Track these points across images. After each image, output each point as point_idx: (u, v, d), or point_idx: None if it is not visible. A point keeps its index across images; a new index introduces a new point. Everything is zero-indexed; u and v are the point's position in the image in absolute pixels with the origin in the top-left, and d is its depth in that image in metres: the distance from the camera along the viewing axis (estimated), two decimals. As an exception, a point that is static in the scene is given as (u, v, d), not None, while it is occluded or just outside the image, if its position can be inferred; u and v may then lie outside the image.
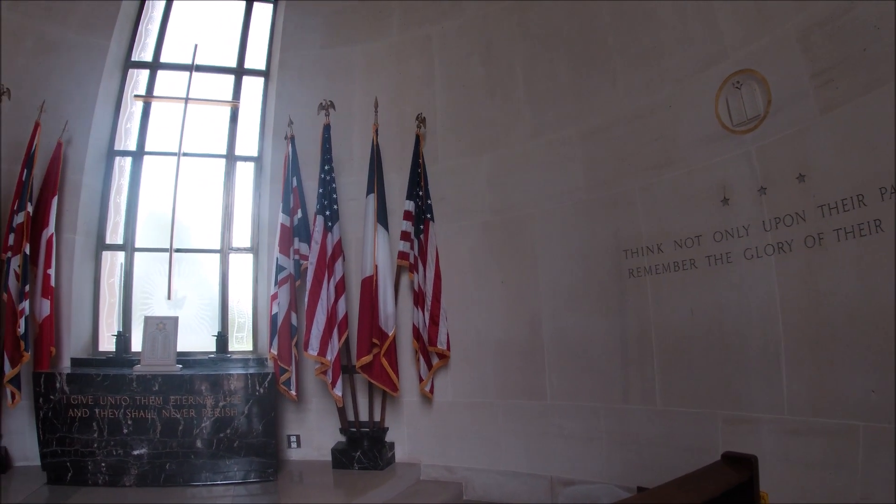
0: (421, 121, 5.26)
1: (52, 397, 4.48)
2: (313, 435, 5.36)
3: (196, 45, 5.87)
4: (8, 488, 4.38)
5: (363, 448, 4.99)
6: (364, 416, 5.20)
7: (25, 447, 4.95)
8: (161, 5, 6.31)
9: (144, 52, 6.19)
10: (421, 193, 5.08)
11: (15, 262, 4.73)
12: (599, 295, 4.42)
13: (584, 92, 4.60)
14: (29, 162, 4.91)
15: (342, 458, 5.00)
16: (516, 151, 4.97)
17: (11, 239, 4.78)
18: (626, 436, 4.21)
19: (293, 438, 5.35)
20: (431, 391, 5.05)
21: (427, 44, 5.52)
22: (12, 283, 4.71)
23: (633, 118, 4.29)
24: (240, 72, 6.24)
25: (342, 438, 5.20)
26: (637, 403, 4.16)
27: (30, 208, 4.87)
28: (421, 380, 5.01)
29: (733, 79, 3.67)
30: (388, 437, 5.19)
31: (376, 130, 5.10)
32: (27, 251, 4.76)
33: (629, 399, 4.21)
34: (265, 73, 6.21)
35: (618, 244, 4.32)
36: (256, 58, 6.32)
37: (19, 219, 4.80)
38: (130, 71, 6.05)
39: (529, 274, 4.80)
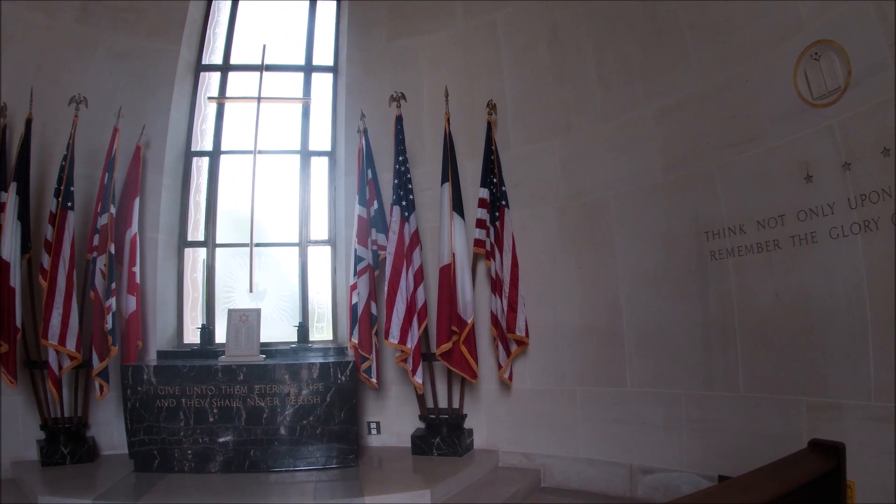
0: (491, 107, 5.37)
1: (139, 388, 4.82)
2: (393, 422, 5.68)
3: (264, 46, 6.21)
4: (96, 476, 4.79)
5: (442, 435, 5.25)
6: (443, 403, 5.46)
7: (112, 437, 5.46)
8: (227, 9, 6.74)
9: (214, 56, 6.64)
10: (495, 181, 5.20)
11: (101, 262, 5.19)
12: (680, 279, 4.49)
13: (656, 70, 4.65)
14: (110, 166, 5.35)
15: (421, 444, 5.28)
16: (588, 134, 5.07)
17: (96, 240, 5.23)
18: (707, 423, 4.27)
19: (373, 425, 5.69)
20: (510, 378, 5.23)
21: (492, 30, 5.68)
22: (98, 281, 5.17)
23: (709, 95, 4.31)
24: (308, 69, 6.59)
25: (421, 425, 5.49)
26: (719, 390, 4.21)
27: (113, 210, 5.33)
28: (499, 367, 5.19)
29: (811, 50, 3.60)
30: (467, 424, 5.43)
31: (448, 119, 5.30)
32: (112, 251, 5.22)
33: (711, 385, 4.27)
34: (333, 69, 6.55)
35: (698, 226, 4.36)
36: (324, 54, 6.66)
37: (103, 220, 5.24)
38: (202, 74, 6.53)
39: (607, 259, 4.92)
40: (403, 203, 5.18)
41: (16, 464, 5.11)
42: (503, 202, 5.25)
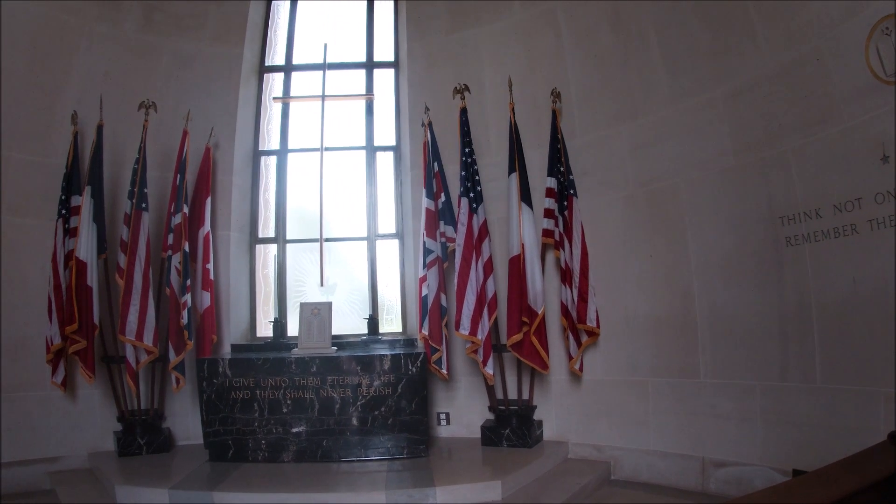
0: (556, 95, 5.32)
1: (215, 381, 5.03)
2: (462, 413, 5.70)
3: (325, 45, 6.32)
4: (171, 465, 5.03)
5: (512, 426, 5.24)
6: (512, 395, 5.44)
7: (187, 428, 5.70)
8: (286, 10, 6.89)
9: (276, 57, 6.80)
10: (562, 169, 5.15)
11: (175, 260, 5.38)
12: (754, 266, 4.35)
13: (723, 51, 4.52)
14: (181, 167, 5.54)
15: (491, 435, 5.28)
16: (656, 119, 4.99)
17: (171, 239, 5.43)
18: (782, 415, 4.14)
19: (442, 416, 5.73)
20: (581, 369, 5.19)
21: (552, 17, 5.63)
22: (174, 278, 5.36)
23: (778, 75, 4.16)
24: (370, 65, 6.69)
25: (491, 416, 5.48)
26: (795, 381, 4.08)
27: (186, 209, 5.50)
28: (570, 357, 5.17)
29: (882, 25, 3.45)
30: (537, 416, 5.40)
31: (513, 109, 5.27)
32: (186, 249, 5.40)
33: (787, 376, 4.14)
34: (394, 64, 6.63)
35: (772, 211, 4.23)
36: (384, 50, 6.74)
37: (177, 220, 5.45)
38: (266, 75, 6.70)
39: (679, 247, 4.83)
40: (471, 195, 5.18)
41: (93, 455, 5.37)
42: (571, 191, 5.20)
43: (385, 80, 6.62)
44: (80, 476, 5.18)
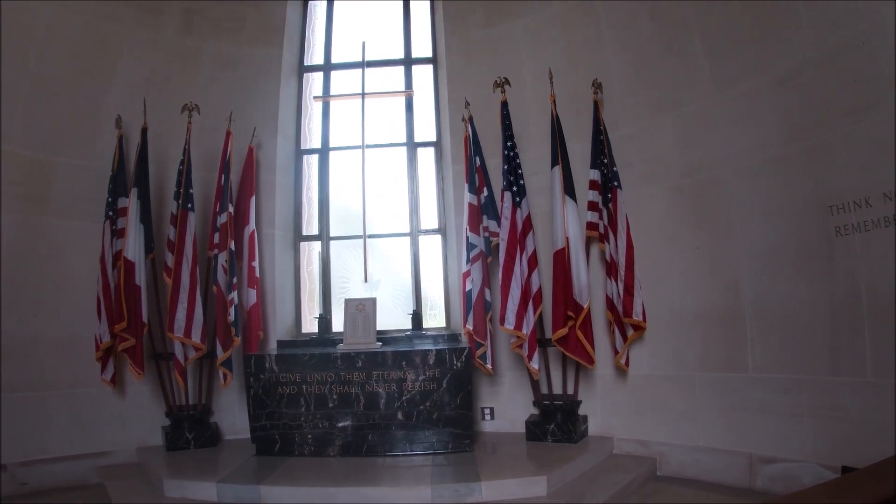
0: (597, 86, 5.19)
1: (262, 376, 5.10)
2: (506, 407, 5.68)
3: (363, 43, 6.36)
4: (219, 459, 5.13)
5: (557, 421, 5.19)
6: (557, 389, 5.41)
7: (234, 422, 5.82)
8: (323, 10, 6.97)
9: (315, 56, 6.89)
10: (605, 161, 5.07)
11: (222, 258, 5.47)
12: (803, 257, 4.24)
13: (766, 37, 4.41)
14: (225, 168, 5.62)
15: (536, 430, 5.24)
16: (700, 108, 4.88)
17: (216, 237, 5.53)
18: (832, 410, 4.02)
19: (487, 411, 5.72)
20: (626, 363, 5.12)
21: (591, 7, 5.56)
22: (220, 276, 5.45)
23: (824, 60, 4.04)
24: (408, 62, 6.71)
25: (535, 411, 5.44)
26: (845, 375, 3.96)
27: (231, 209, 5.58)
28: (616, 352, 5.11)
29: None
30: (581, 410, 5.35)
31: (554, 101, 5.22)
32: (232, 247, 5.49)
33: (837, 370, 4.01)
34: (433, 60, 6.65)
35: (820, 200, 4.10)
36: (422, 46, 6.76)
37: (222, 219, 5.53)
38: (305, 75, 6.79)
39: (725, 238, 4.72)
40: (514, 188, 5.11)
41: (141, 449, 5.50)
42: (615, 183, 5.13)
43: (424, 75, 6.64)
44: (129, 470, 5.31)
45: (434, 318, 6.29)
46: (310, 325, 6.32)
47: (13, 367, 5.17)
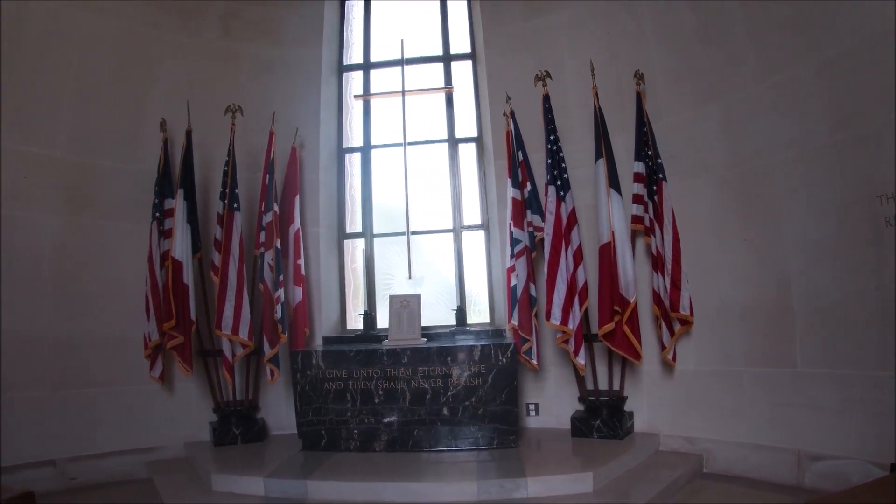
0: (639, 77, 5.09)
1: (308, 372, 5.12)
2: (551, 403, 5.63)
3: (402, 40, 6.35)
4: (265, 454, 5.17)
5: (602, 417, 5.12)
6: (603, 385, 5.33)
7: (281, 418, 5.87)
8: (360, 10, 6.98)
9: (354, 56, 6.91)
10: (650, 153, 4.97)
11: (268, 256, 5.53)
12: (852, 249, 4.09)
13: (811, 22, 4.25)
14: (270, 168, 5.69)
15: (581, 426, 5.17)
16: (745, 97, 4.75)
17: (262, 236, 5.60)
18: (883, 407, 3.87)
19: (531, 407, 5.67)
20: (674, 359, 5.03)
21: None
22: (267, 274, 5.51)
23: (871, 46, 3.88)
24: (447, 58, 6.68)
25: (580, 407, 5.38)
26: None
27: (276, 208, 5.63)
28: (663, 347, 5.01)
29: None
30: (627, 407, 5.26)
31: (596, 93, 5.14)
32: (278, 245, 5.56)
33: (887, 365, 3.87)
34: (471, 56, 6.59)
35: (871, 190, 3.94)
36: (460, 42, 6.72)
37: (268, 218, 5.59)
38: (345, 74, 6.81)
39: (772, 230, 4.59)
40: (558, 182, 5.02)
41: (189, 444, 5.62)
42: (660, 175, 5.04)
43: (463, 71, 6.57)
44: (177, 465, 5.42)
45: (478, 314, 6.22)
46: (355, 322, 6.36)
47: (62, 366, 5.32)
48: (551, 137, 5.26)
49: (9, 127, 5.11)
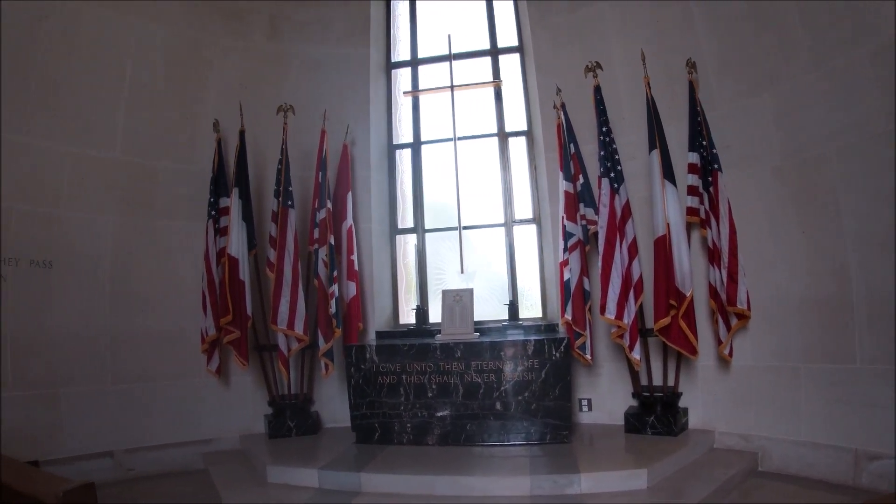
0: (691, 66, 4.98)
1: (362, 366, 5.19)
2: (604, 399, 5.57)
3: (449, 36, 6.35)
4: (319, 447, 5.26)
5: (656, 413, 5.05)
6: (657, 381, 5.25)
7: (334, 411, 5.97)
8: (405, 7, 7.01)
9: (401, 53, 6.95)
10: (704, 143, 4.85)
11: (322, 252, 5.61)
12: None
13: (865, 6, 4.10)
14: (322, 165, 5.76)
15: (635, 422, 5.12)
16: (799, 85, 4.60)
17: (316, 233, 5.68)
18: None
19: (584, 402, 5.62)
20: (730, 354, 4.90)
21: None
22: (321, 270, 5.59)
23: None
24: (494, 52, 6.65)
25: (634, 403, 5.32)
26: None
27: (329, 205, 5.73)
28: (719, 342, 4.89)
29: None
30: (682, 403, 5.16)
31: (648, 83, 5.06)
32: (332, 242, 5.64)
33: None
34: (519, 49, 6.55)
35: None
36: (507, 35, 6.68)
37: (321, 215, 5.68)
38: (393, 71, 6.87)
39: (831, 221, 4.44)
40: (612, 175, 4.98)
41: (244, 437, 5.76)
42: (715, 166, 4.91)
43: (511, 65, 6.55)
44: (232, 456, 5.55)
45: (529, 309, 6.22)
46: (407, 317, 6.46)
47: (121, 361, 5.50)
48: (603, 129, 5.19)
49: (65, 130, 5.30)
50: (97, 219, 5.48)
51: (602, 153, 5.14)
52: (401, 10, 7.06)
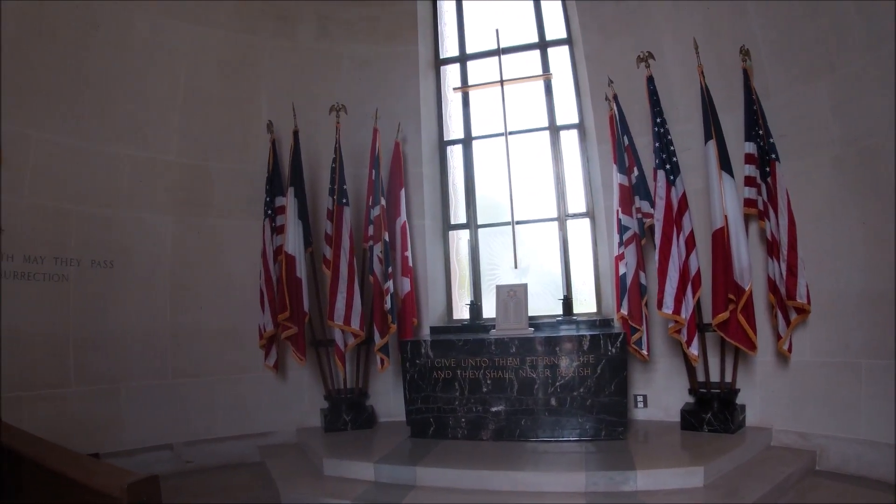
0: (745, 53, 4.83)
1: (418, 361, 5.25)
2: (660, 395, 5.50)
3: (497, 30, 6.35)
4: (374, 440, 5.35)
5: (713, 410, 4.95)
6: (714, 377, 5.15)
7: (389, 406, 6.09)
8: (452, 4, 7.04)
9: (449, 49, 6.99)
10: (761, 132, 4.71)
11: (377, 249, 5.70)
12: None
13: None
14: (375, 163, 5.85)
15: (691, 419, 5.03)
16: (856, 71, 4.45)
17: (370, 230, 5.78)
18: None
19: (639, 398, 5.56)
20: (789, 350, 4.79)
21: None
22: (376, 266, 5.68)
23: None
24: (543, 45, 6.61)
25: (690, 399, 5.24)
26: None
27: (383, 202, 5.81)
28: (779, 337, 4.78)
29: None
30: (739, 399, 5.06)
31: (701, 72, 4.96)
32: (386, 238, 5.73)
33: None
34: (568, 41, 6.50)
35: None
36: (555, 28, 6.62)
37: (375, 212, 5.77)
38: (442, 67, 6.92)
39: (891, 211, 4.30)
40: (667, 166, 4.89)
41: (300, 430, 5.90)
42: (772, 155, 4.78)
43: (560, 57, 6.50)
44: (288, 450, 5.69)
45: (583, 304, 6.15)
46: (461, 312, 6.50)
47: (181, 356, 5.71)
48: (658, 120, 5.11)
49: (123, 135, 5.52)
50: (155, 219, 5.70)
51: (657, 144, 5.06)
52: (447, 7, 7.09)
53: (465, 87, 6.67)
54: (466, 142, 6.71)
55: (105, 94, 5.38)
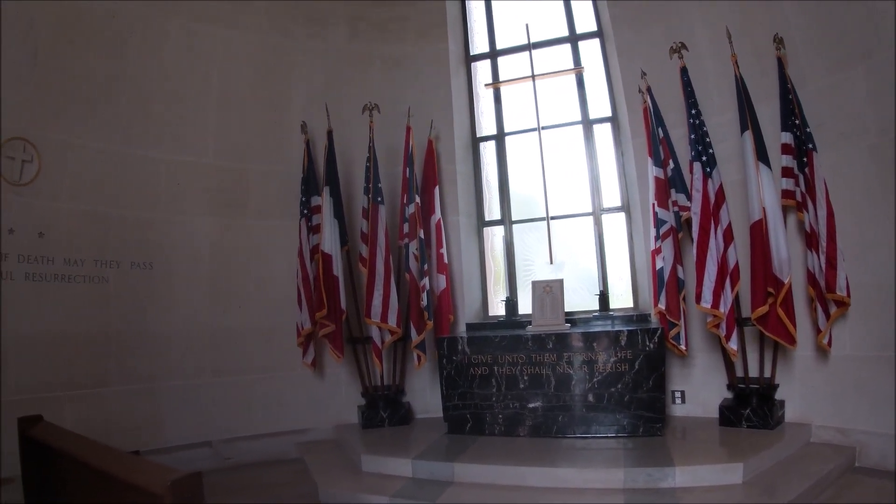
0: (779, 42, 4.75)
1: (454, 358, 5.27)
2: (698, 391, 5.44)
3: (527, 25, 6.33)
4: (411, 437, 5.39)
5: (752, 405, 4.89)
6: (753, 372, 5.09)
7: (426, 402, 6.14)
8: (481, 1, 7.07)
9: (480, 45, 7.02)
10: (797, 122, 4.63)
11: (413, 246, 5.76)
12: None
13: None
14: (409, 161, 5.92)
15: (730, 415, 4.97)
16: (891, 57, 4.34)
17: (406, 228, 5.85)
18: None
19: (677, 394, 5.51)
20: (829, 344, 4.69)
21: None
22: (412, 264, 5.73)
23: None
24: (573, 38, 6.57)
25: (728, 395, 5.18)
26: None
27: (417, 199, 5.87)
28: (818, 331, 4.68)
29: None
30: (778, 395, 4.99)
31: (735, 62, 4.84)
32: (422, 235, 5.79)
33: None
34: (598, 34, 6.45)
35: None
36: (586, 21, 6.58)
37: (410, 209, 5.84)
38: (473, 64, 6.94)
39: None
40: (704, 158, 4.83)
41: (338, 427, 5.99)
42: (810, 146, 4.61)
43: (591, 50, 6.46)
44: (326, 446, 5.79)
45: (619, 299, 6.11)
46: (496, 308, 6.52)
47: (220, 355, 5.86)
48: (692, 111, 5.05)
49: (160, 139, 5.69)
50: (193, 221, 5.87)
51: (692, 136, 5.00)
52: (476, 4, 7.10)
53: (496, 83, 6.69)
54: (499, 138, 6.71)
55: (141, 100, 5.55)
